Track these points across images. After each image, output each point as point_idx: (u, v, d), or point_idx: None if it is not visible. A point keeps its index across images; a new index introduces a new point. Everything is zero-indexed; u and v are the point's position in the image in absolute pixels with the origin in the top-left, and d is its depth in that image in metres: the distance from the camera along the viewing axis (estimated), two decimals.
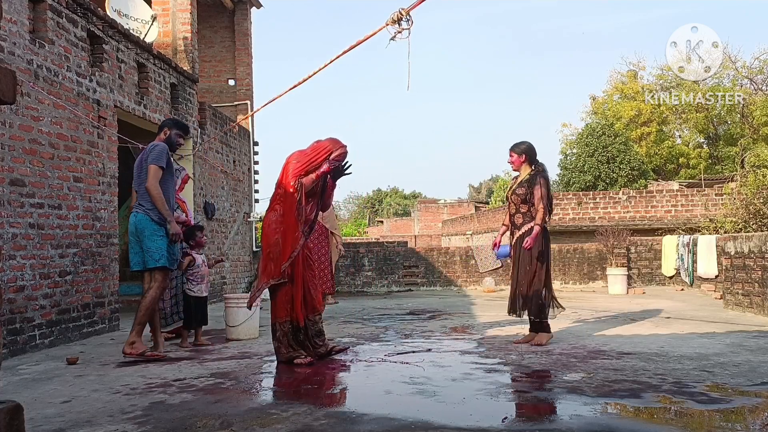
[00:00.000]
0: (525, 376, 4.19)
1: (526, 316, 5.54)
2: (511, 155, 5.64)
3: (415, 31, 4.29)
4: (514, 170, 5.76)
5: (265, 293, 5.06)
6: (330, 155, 4.82)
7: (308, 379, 4.38)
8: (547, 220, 5.45)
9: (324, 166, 4.82)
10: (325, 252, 6.93)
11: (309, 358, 4.78)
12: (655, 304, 8.84)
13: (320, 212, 5.10)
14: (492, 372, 4.34)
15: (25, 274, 5.47)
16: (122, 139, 7.39)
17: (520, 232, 5.49)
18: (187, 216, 6.25)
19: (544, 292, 5.45)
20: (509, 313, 5.63)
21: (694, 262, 10.87)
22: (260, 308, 6.34)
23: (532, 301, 5.42)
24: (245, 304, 6.08)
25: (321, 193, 5.03)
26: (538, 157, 5.62)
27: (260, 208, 12.93)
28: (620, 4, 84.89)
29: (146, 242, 5.13)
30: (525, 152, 5.59)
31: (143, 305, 5.11)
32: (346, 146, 4.92)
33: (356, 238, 37.50)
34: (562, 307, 5.63)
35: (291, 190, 4.78)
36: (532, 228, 5.36)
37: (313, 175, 4.80)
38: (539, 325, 5.47)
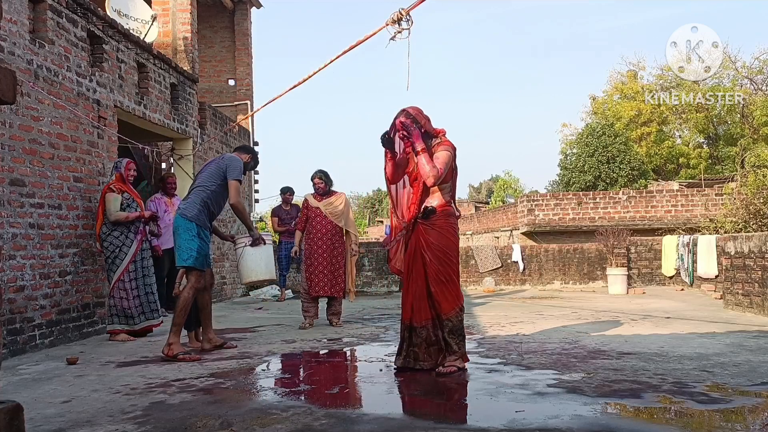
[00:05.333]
0: (525, 377, 4.19)
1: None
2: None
3: (415, 31, 4.30)
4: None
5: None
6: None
7: (308, 379, 4.38)
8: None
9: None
10: (340, 252, 6.91)
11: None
12: (655, 304, 8.85)
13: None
14: (492, 372, 4.34)
15: (25, 274, 5.47)
16: (122, 139, 7.39)
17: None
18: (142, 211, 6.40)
19: None
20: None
21: (694, 262, 10.87)
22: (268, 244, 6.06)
23: None
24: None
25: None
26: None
27: (260, 208, 12.92)
28: (620, 4, 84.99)
29: (177, 240, 5.24)
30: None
31: (176, 306, 5.22)
32: (399, 116, 4.22)
33: None
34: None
35: None
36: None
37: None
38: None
